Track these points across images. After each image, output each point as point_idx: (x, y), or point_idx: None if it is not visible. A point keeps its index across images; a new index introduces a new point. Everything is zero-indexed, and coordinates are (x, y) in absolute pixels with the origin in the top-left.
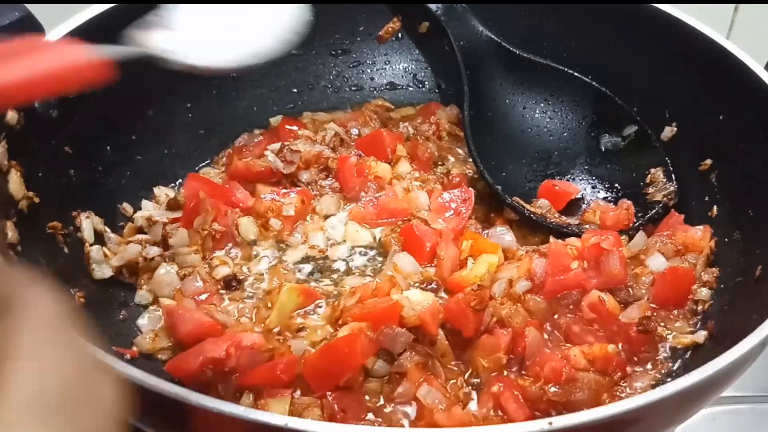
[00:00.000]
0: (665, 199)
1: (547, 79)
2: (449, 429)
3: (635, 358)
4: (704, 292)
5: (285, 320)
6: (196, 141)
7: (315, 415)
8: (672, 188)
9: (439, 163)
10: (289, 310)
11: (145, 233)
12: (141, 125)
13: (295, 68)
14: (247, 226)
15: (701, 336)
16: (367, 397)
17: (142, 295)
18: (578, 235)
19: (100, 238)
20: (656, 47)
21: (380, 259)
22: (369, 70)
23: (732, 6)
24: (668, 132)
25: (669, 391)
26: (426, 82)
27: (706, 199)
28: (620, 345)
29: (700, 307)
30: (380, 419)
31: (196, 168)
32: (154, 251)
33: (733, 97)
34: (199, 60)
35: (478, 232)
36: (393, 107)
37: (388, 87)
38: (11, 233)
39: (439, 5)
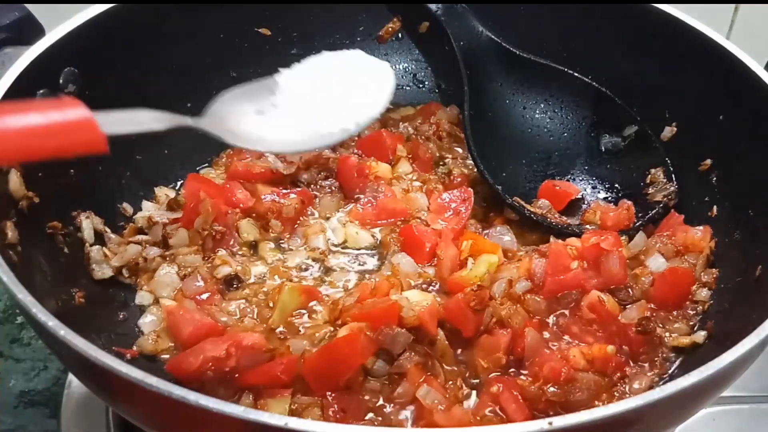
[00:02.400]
0: (665, 199)
1: (547, 79)
2: (449, 429)
3: (635, 360)
4: (704, 293)
5: (286, 320)
6: (196, 141)
7: (315, 415)
8: (672, 188)
9: (440, 163)
10: (291, 310)
11: (146, 233)
12: None
13: None
14: (247, 228)
15: (701, 336)
16: (367, 397)
17: (142, 296)
18: (578, 236)
19: (100, 238)
20: (656, 47)
21: (380, 259)
22: None
23: (732, 6)
24: (668, 132)
25: (669, 391)
26: (426, 82)
27: (706, 199)
28: (620, 345)
29: (699, 308)
30: (380, 419)
31: (197, 168)
32: (154, 251)
33: (733, 97)
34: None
35: (477, 232)
36: (393, 107)
37: None
38: (11, 233)
39: (439, 5)
